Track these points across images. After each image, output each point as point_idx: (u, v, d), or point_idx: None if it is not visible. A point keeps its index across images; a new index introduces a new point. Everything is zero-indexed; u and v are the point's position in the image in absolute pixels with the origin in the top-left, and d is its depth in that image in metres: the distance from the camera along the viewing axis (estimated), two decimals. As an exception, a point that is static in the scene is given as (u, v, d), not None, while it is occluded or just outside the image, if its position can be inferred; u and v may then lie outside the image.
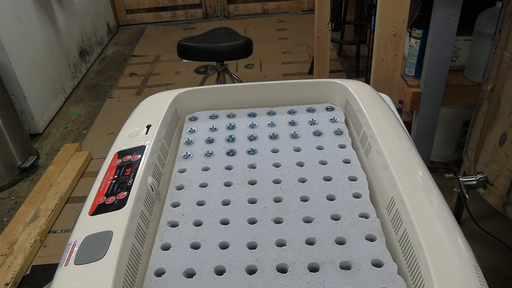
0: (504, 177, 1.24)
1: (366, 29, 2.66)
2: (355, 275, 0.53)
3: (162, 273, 0.55)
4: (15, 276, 1.49)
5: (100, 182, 0.65)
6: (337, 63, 3.13)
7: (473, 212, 1.49)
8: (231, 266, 0.55)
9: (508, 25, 1.17)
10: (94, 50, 3.48)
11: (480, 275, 0.48)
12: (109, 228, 0.55)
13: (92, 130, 2.56)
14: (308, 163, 0.74)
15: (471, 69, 1.65)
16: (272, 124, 0.84)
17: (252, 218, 0.63)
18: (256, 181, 0.70)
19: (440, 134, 1.89)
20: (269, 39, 3.64)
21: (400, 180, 0.60)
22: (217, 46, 1.95)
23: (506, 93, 1.20)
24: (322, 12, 2.17)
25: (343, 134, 0.81)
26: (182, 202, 0.67)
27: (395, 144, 0.69)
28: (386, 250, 0.56)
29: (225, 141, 0.80)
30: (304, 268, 0.54)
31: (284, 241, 0.59)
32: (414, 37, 1.64)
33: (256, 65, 3.21)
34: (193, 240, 0.60)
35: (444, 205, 0.57)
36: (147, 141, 0.73)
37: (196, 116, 0.88)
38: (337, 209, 0.63)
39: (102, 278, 0.49)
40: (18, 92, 2.29)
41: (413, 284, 0.51)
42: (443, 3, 1.43)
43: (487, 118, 1.29)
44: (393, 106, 0.88)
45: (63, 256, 0.53)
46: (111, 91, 3.01)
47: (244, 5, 4.19)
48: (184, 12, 4.19)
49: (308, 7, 4.15)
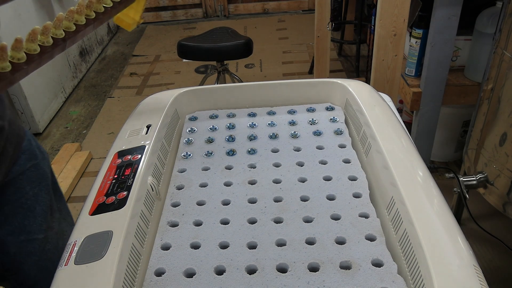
0: (504, 177, 1.24)
1: (366, 29, 2.66)
2: (355, 274, 0.53)
3: (162, 273, 0.55)
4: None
5: (100, 182, 0.65)
6: (337, 63, 3.13)
7: (473, 212, 1.49)
8: (231, 266, 0.55)
9: (508, 25, 1.17)
10: (94, 49, 3.48)
11: (480, 275, 0.48)
12: (109, 228, 0.55)
13: (92, 129, 2.56)
14: (308, 163, 0.74)
15: (471, 68, 1.65)
16: (272, 124, 0.84)
17: (252, 218, 0.63)
18: (256, 181, 0.70)
19: (440, 134, 1.89)
20: (269, 39, 3.64)
21: (400, 180, 0.60)
22: (217, 46, 1.95)
23: (506, 93, 1.20)
24: (322, 12, 2.17)
25: (343, 134, 0.81)
26: (182, 202, 0.67)
27: (395, 144, 0.69)
28: (386, 250, 0.56)
29: (225, 141, 0.80)
30: (304, 268, 0.54)
31: (284, 241, 0.59)
32: (414, 37, 1.64)
33: (256, 65, 3.21)
34: (193, 240, 0.60)
35: (444, 205, 0.57)
36: (147, 141, 0.73)
37: (196, 116, 0.88)
38: (337, 209, 0.63)
39: (102, 278, 0.49)
40: (18, 91, 2.29)
41: (413, 284, 0.51)
42: (444, 3, 1.43)
43: (487, 118, 1.29)
44: (393, 106, 0.88)
45: (63, 256, 0.53)
46: (111, 91, 3.01)
47: (244, 5, 4.19)
48: (184, 12, 4.19)
49: (308, 7, 4.15)
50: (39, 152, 0.87)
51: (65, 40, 0.47)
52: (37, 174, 0.84)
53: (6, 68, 0.40)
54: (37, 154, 0.86)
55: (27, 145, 0.84)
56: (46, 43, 0.44)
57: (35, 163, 0.84)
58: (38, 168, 0.85)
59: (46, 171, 0.87)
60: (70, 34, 0.47)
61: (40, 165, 0.85)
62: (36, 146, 0.87)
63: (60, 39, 0.46)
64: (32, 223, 0.83)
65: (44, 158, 0.88)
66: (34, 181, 0.84)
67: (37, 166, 0.85)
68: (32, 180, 0.83)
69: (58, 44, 0.46)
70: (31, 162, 0.84)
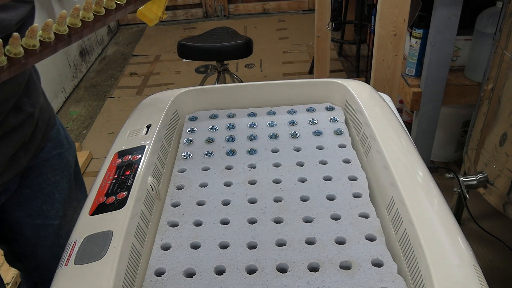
0: (505, 177, 1.24)
1: (367, 29, 2.66)
2: (355, 274, 0.53)
3: (162, 273, 0.55)
4: (16, 276, 1.49)
5: (100, 182, 0.65)
6: (337, 63, 3.13)
7: (473, 212, 1.49)
8: (231, 266, 0.55)
9: (508, 25, 1.17)
10: (94, 49, 3.48)
11: (480, 275, 0.48)
12: (109, 228, 0.55)
13: (92, 129, 2.56)
14: (308, 163, 0.74)
15: (472, 68, 1.65)
16: (272, 124, 0.84)
17: (252, 218, 0.63)
18: (256, 181, 0.70)
19: (441, 134, 1.89)
20: (270, 39, 3.64)
21: (400, 180, 0.60)
22: (217, 46, 1.95)
23: (506, 92, 1.20)
24: (322, 12, 2.17)
25: (343, 134, 0.81)
26: (182, 202, 0.67)
27: (395, 144, 0.69)
28: (386, 250, 0.56)
29: (225, 141, 0.80)
30: (304, 268, 0.54)
31: (284, 241, 0.59)
32: (415, 37, 1.64)
33: (256, 65, 3.21)
34: (193, 240, 0.60)
35: (444, 205, 0.57)
36: (147, 141, 0.73)
37: (196, 116, 0.88)
38: (337, 209, 0.63)
39: (102, 278, 0.49)
40: (19, 91, 2.29)
41: (413, 284, 0.51)
42: (444, 3, 1.43)
43: (488, 118, 1.29)
44: (393, 106, 0.88)
45: (63, 256, 0.53)
46: (111, 91, 3.01)
47: (244, 5, 4.19)
48: (184, 12, 4.19)
49: (309, 7, 4.15)
50: (66, 142, 0.89)
51: (70, 35, 0.47)
52: (60, 162, 0.87)
53: (2, 62, 0.41)
54: (64, 144, 0.88)
55: (55, 134, 0.86)
56: (47, 39, 0.45)
57: (60, 152, 0.87)
58: (62, 157, 0.87)
59: (70, 160, 0.90)
60: (75, 30, 0.48)
61: (64, 155, 0.88)
62: (64, 135, 0.90)
63: (64, 34, 0.46)
64: (50, 208, 0.86)
65: (70, 148, 0.91)
66: (57, 169, 0.86)
67: (62, 155, 0.87)
68: (55, 167, 0.86)
69: (62, 39, 0.46)
70: (57, 151, 0.86)
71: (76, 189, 0.92)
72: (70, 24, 0.47)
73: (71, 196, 0.90)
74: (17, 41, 0.42)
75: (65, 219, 0.88)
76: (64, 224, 0.88)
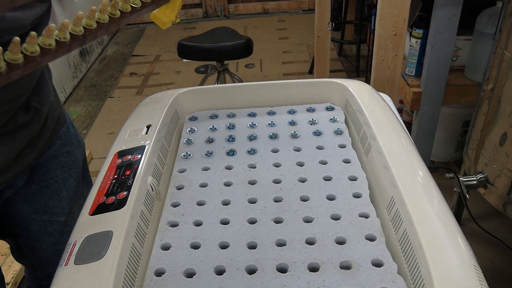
0: (505, 177, 1.24)
1: (367, 29, 2.65)
2: (355, 274, 0.53)
3: (162, 273, 0.55)
4: (16, 276, 1.49)
5: (100, 182, 0.65)
6: (337, 63, 3.13)
7: (473, 212, 1.49)
8: (231, 266, 0.55)
9: (508, 25, 1.17)
10: (94, 49, 3.48)
11: (480, 275, 0.48)
12: (109, 228, 0.55)
13: (92, 129, 2.56)
14: (308, 163, 0.74)
15: (472, 68, 1.65)
16: (272, 124, 0.84)
17: (252, 218, 0.63)
18: (256, 181, 0.70)
19: (441, 134, 1.89)
20: (270, 39, 3.64)
21: (400, 180, 0.60)
22: (217, 46, 1.95)
23: (506, 93, 1.20)
24: (322, 12, 2.17)
25: (343, 134, 0.81)
26: (182, 202, 0.67)
27: (395, 144, 0.69)
28: (386, 250, 0.56)
29: (225, 141, 0.80)
30: (304, 268, 0.54)
31: (284, 241, 0.59)
32: (415, 37, 1.64)
33: (256, 65, 3.21)
34: (193, 240, 0.60)
35: (444, 205, 0.57)
36: (147, 141, 0.73)
37: (196, 116, 0.88)
38: (337, 209, 0.63)
39: (102, 278, 0.49)
40: (18, 91, 2.29)
41: (413, 284, 0.51)
42: (444, 3, 1.43)
43: (488, 118, 1.29)
44: (393, 106, 0.88)
45: (63, 256, 0.53)
46: (111, 91, 3.01)
47: (244, 5, 4.19)
48: (184, 12, 4.19)
49: (309, 7, 4.15)
50: (75, 140, 0.90)
51: (85, 36, 0.48)
52: (69, 160, 0.88)
53: (18, 60, 0.42)
54: (73, 142, 0.89)
55: (65, 132, 0.87)
56: (63, 39, 0.45)
57: (69, 150, 0.88)
58: (71, 155, 0.88)
59: (78, 158, 0.91)
60: (90, 31, 0.48)
61: (73, 152, 0.89)
62: (74, 134, 0.90)
63: (79, 35, 0.47)
64: (57, 205, 0.86)
65: (80, 146, 0.92)
66: (65, 167, 0.87)
67: (71, 153, 0.88)
68: (63, 165, 0.87)
69: (77, 39, 0.47)
70: (65, 148, 0.87)
71: (83, 187, 0.93)
72: (86, 25, 0.48)
73: (78, 193, 0.91)
74: (34, 40, 0.43)
75: (71, 216, 0.89)
76: (69, 221, 0.89)
